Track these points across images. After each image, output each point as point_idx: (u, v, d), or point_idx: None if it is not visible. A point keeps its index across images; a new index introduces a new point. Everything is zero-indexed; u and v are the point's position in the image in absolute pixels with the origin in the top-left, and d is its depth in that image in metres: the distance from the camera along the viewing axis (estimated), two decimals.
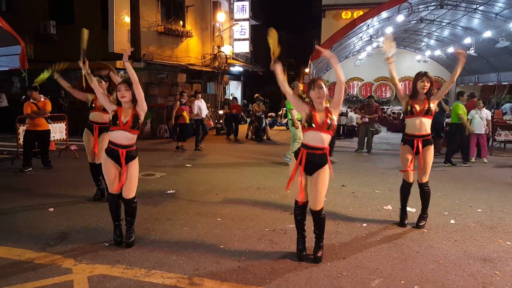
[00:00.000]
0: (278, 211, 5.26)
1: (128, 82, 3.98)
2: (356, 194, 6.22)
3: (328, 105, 3.69)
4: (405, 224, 4.71)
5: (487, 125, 9.52)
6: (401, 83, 20.28)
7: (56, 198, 5.74)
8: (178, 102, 10.89)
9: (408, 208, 5.34)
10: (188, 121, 10.90)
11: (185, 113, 10.79)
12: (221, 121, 16.29)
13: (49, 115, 8.01)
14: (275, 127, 18.36)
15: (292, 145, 8.47)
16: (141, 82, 13.53)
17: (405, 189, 4.74)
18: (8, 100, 14.87)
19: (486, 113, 9.64)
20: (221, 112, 16.68)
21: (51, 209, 5.17)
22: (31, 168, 7.62)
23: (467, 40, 14.66)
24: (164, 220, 4.82)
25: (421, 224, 4.66)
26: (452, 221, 4.92)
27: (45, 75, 5.52)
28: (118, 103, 4.02)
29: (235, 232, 4.45)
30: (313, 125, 3.54)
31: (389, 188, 6.52)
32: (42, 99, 7.79)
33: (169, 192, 6.22)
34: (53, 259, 3.65)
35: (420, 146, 4.52)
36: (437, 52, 17.72)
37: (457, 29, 15.19)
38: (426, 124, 4.54)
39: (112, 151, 3.94)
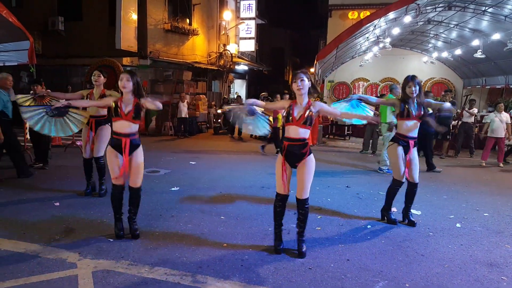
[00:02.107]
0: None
1: (130, 73, 4.01)
2: (361, 196, 6.20)
3: (316, 101, 3.78)
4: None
5: (506, 128, 9.38)
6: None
7: (62, 192, 5.77)
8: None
9: (413, 211, 5.32)
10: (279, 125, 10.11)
11: (279, 116, 9.89)
12: (219, 120, 16.25)
13: None
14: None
15: (383, 152, 8.11)
16: (147, 79, 13.60)
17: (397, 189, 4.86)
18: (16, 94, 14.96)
19: (506, 116, 9.48)
20: (219, 111, 16.63)
21: (57, 204, 5.20)
22: (41, 164, 7.58)
23: (475, 42, 14.54)
24: (168, 217, 4.82)
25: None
26: (458, 225, 4.89)
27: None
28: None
29: (239, 230, 4.44)
30: (291, 120, 3.66)
31: None
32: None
33: (173, 189, 6.23)
34: (58, 253, 3.67)
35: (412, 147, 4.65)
36: (444, 54, 17.58)
37: (465, 31, 15.07)
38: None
39: (116, 141, 3.98)
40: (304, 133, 3.68)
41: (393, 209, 5.40)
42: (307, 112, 3.62)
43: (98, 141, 5.48)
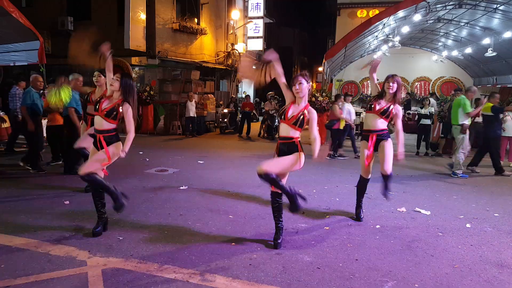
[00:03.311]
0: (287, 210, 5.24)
1: (123, 74, 4.04)
2: (370, 195, 6.16)
3: (312, 109, 3.82)
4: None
5: None
6: (417, 83, 20.01)
7: (72, 191, 5.83)
8: (337, 106, 9.80)
9: (422, 211, 5.29)
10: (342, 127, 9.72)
11: (342, 120, 9.54)
12: (225, 119, 16.26)
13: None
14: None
15: (457, 155, 7.88)
16: (156, 79, 13.65)
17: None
18: None
19: None
20: (225, 110, 16.65)
21: (67, 202, 5.25)
22: (59, 162, 7.63)
23: (486, 41, 14.38)
24: (177, 216, 4.84)
25: None
26: (468, 225, 4.84)
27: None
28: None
29: (247, 230, 4.45)
30: (283, 117, 3.81)
31: (403, 190, 6.45)
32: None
33: (181, 188, 6.26)
34: (68, 251, 3.70)
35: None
36: (454, 53, 17.41)
37: (476, 29, 14.90)
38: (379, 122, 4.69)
39: (94, 137, 4.08)
40: (293, 132, 3.79)
41: (402, 208, 5.38)
42: (300, 115, 3.73)
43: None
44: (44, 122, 8.36)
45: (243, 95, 20.71)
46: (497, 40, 13.88)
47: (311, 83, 3.86)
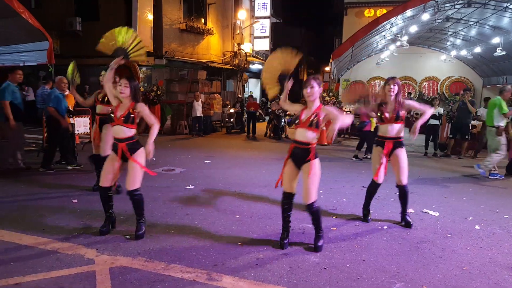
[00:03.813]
0: (296, 210, 5.20)
1: (129, 78, 4.01)
2: (377, 196, 6.10)
3: (326, 106, 3.82)
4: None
5: None
6: (425, 83, 19.87)
7: (80, 190, 5.87)
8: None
9: (431, 212, 5.25)
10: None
11: (373, 120, 8.98)
12: (232, 119, 16.26)
13: (69, 109, 7.98)
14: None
15: (490, 155, 7.76)
16: (163, 79, 13.68)
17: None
18: (34, 94, 15.26)
19: None
20: (232, 110, 16.64)
21: (75, 201, 5.28)
22: (76, 165, 7.62)
23: (495, 40, 14.25)
24: (183, 215, 4.85)
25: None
26: (477, 227, 4.79)
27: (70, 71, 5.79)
28: None
29: (253, 229, 4.44)
30: (297, 123, 3.84)
31: (411, 191, 6.37)
32: (66, 93, 7.94)
33: (188, 187, 6.27)
34: (76, 249, 3.73)
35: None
36: (463, 52, 17.27)
37: (485, 28, 14.76)
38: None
39: (114, 145, 4.06)
40: (311, 136, 3.76)
41: (410, 209, 5.34)
42: (313, 116, 3.72)
43: (103, 139, 5.59)
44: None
45: (249, 95, 20.73)
46: (507, 39, 13.74)
47: (322, 87, 3.85)
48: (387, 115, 4.56)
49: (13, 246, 3.78)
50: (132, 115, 3.96)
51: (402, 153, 4.62)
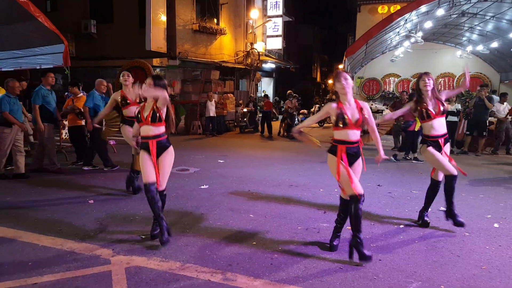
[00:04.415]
0: (311, 209, 5.21)
1: (156, 78, 4.02)
2: (393, 194, 6.06)
3: (362, 102, 3.74)
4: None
5: None
6: (441, 79, 19.54)
7: (96, 190, 5.94)
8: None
9: (442, 208, 5.14)
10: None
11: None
12: (245, 119, 16.25)
13: (79, 110, 7.73)
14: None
15: None
16: (176, 79, 13.74)
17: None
18: (57, 96, 15.52)
19: None
20: (245, 109, 16.64)
21: (91, 201, 5.35)
22: (91, 167, 7.61)
23: None
24: (198, 215, 4.87)
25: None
26: (495, 225, 4.69)
27: None
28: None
29: (268, 229, 4.43)
30: (347, 123, 3.62)
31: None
32: (79, 95, 8.00)
33: (202, 187, 6.29)
34: (92, 249, 3.78)
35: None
36: (479, 47, 16.92)
37: (502, 23, 14.43)
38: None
39: (144, 143, 4.03)
40: (358, 134, 3.74)
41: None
42: (361, 115, 3.64)
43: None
44: (65, 122, 8.60)
45: (262, 94, 20.69)
46: None
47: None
48: (432, 110, 4.40)
49: (31, 246, 3.84)
50: (157, 114, 3.94)
51: (448, 145, 4.60)
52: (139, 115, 4.00)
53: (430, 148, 4.47)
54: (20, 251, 3.74)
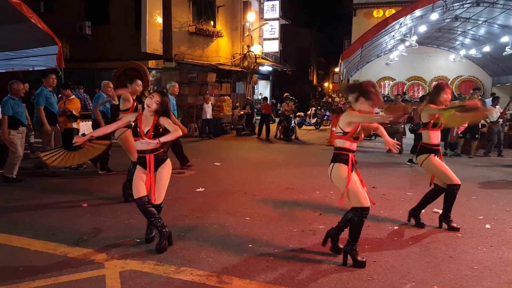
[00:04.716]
0: (307, 211, 5.23)
1: (162, 93, 3.89)
2: (388, 196, 6.10)
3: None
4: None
5: None
6: (435, 82, 19.66)
7: (89, 194, 5.92)
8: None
9: (436, 210, 5.20)
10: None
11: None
12: (241, 121, 16.27)
13: (70, 112, 7.57)
14: (304, 127, 18.24)
15: None
16: (173, 81, 13.73)
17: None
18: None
19: None
20: (242, 112, 16.65)
21: (85, 205, 5.34)
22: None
23: (504, 39, 14.09)
24: (194, 218, 4.88)
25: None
26: (487, 226, 4.73)
27: None
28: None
29: (264, 231, 4.44)
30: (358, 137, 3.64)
31: (422, 191, 6.31)
32: (71, 97, 7.84)
33: (198, 190, 6.30)
34: (86, 253, 3.76)
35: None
36: (472, 51, 17.09)
37: (494, 27, 14.62)
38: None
39: (140, 158, 3.87)
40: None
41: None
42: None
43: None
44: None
45: (259, 97, 20.73)
46: None
47: None
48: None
49: (22, 251, 3.82)
50: (161, 130, 3.81)
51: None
52: (137, 129, 3.80)
53: (435, 157, 4.53)
54: (12, 255, 3.72)
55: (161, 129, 3.83)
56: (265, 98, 16.83)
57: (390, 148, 3.92)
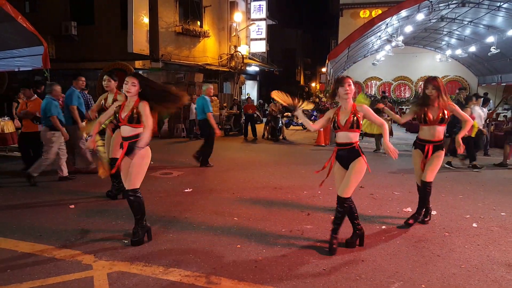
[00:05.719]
0: (295, 211, 5.24)
1: (136, 76, 3.95)
2: (375, 196, 6.15)
3: (362, 106, 3.83)
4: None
5: None
6: (421, 82, 19.95)
7: (77, 195, 5.84)
8: (469, 109, 8.42)
9: (409, 209, 5.26)
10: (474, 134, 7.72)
11: (475, 123, 7.33)
12: (229, 122, 16.23)
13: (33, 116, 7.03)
14: (291, 127, 18.29)
15: None
16: (160, 82, 13.72)
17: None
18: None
19: None
20: (229, 112, 16.61)
21: (72, 206, 5.26)
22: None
23: (490, 39, 14.33)
24: (182, 219, 4.84)
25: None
26: (474, 225, 4.80)
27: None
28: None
29: (252, 231, 4.44)
30: (337, 126, 3.82)
31: (409, 190, 6.41)
32: (33, 98, 7.17)
33: (186, 190, 6.26)
34: (73, 255, 3.71)
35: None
36: (458, 51, 17.36)
37: (479, 28, 14.86)
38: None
39: (121, 145, 4.00)
40: (354, 136, 3.83)
41: (408, 209, 5.35)
42: (353, 117, 3.74)
43: (113, 143, 5.54)
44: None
45: (246, 97, 20.73)
46: (501, 38, 13.82)
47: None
48: (431, 116, 4.49)
49: (9, 253, 3.76)
50: (135, 115, 3.85)
51: (440, 155, 4.63)
52: (117, 115, 3.95)
53: (416, 150, 4.72)
54: None
55: (135, 116, 3.85)
56: (249, 98, 16.82)
57: (390, 154, 3.91)
